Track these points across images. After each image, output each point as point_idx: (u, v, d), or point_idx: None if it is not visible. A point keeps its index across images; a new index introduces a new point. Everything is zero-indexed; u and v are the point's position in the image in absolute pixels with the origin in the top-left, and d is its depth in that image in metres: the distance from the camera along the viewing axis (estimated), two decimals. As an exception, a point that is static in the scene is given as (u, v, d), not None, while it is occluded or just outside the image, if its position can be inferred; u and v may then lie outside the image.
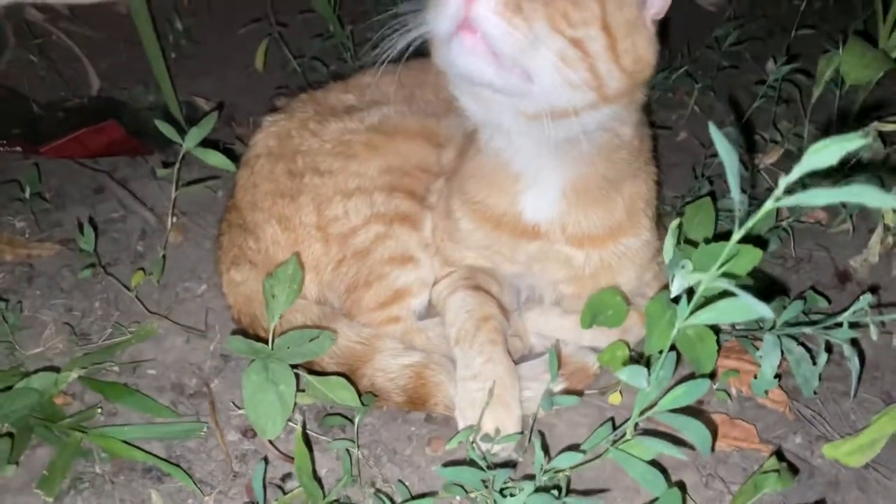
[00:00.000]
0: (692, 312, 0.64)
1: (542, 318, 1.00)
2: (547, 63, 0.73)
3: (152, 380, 1.00)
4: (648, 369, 0.67)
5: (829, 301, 1.02)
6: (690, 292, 0.64)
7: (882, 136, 1.16)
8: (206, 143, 1.05)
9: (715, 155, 1.27)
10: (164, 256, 1.11)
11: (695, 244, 0.87)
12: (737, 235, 0.56)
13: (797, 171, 0.50)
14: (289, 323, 0.98)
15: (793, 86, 1.43)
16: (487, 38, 0.71)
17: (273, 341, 0.83)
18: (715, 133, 0.54)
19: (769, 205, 0.53)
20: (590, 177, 0.89)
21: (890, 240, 1.15)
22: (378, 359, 0.95)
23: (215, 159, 1.00)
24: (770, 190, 1.15)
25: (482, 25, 0.70)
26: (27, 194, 1.25)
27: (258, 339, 0.99)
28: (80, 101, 1.56)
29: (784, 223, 1.14)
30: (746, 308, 0.61)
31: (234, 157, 1.13)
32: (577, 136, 0.80)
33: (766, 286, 1.07)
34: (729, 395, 0.94)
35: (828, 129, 1.38)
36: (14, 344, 1.02)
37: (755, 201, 1.18)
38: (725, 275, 0.63)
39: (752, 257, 0.73)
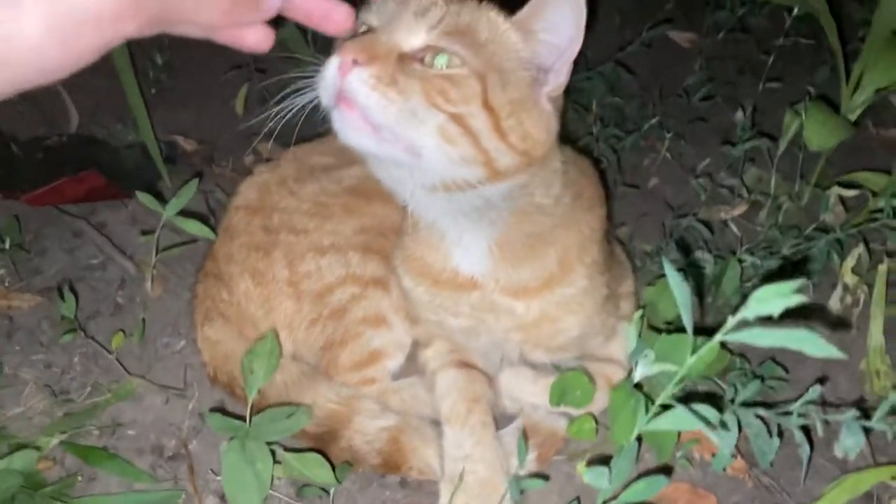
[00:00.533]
0: (654, 415, 0.67)
1: (514, 380, 1.03)
2: (429, 138, 0.71)
3: (132, 441, 1.02)
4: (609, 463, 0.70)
5: (787, 370, 1.06)
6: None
7: (842, 198, 1.21)
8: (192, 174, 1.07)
9: (684, 215, 1.31)
10: (143, 319, 1.12)
11: (658, 330, 0.91)
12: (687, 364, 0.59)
13: (741, 314, 0.54)
14: (269, 382, 1.00)
15: (760, 135, 1.47)
16: (363, 110, 0.69)
17: (251, 416, 0.86)
18: (668, 269, 0.57)
19: (716, 339, 0.57)
20: (512, 235, 0.87)
21: (849, 299, 1.19)
22: (356, 420, 0.98)
23: (195, 228, 1.02)
24: (733, 250, 1.20)
25: (356, 98, 0.69)
26: (7, 245, 1.26)
27: (235, 396, 1.02)
28: (59, 139, 1.57)
29: (749, 283, 1.17)
30: (703, 417, 0.65)
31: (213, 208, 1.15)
32: (484, 205, 0.81)
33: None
34: (691, 461, 0.98)
35: (793, 178, 1.42)
36: (-7, 405, 1.04)
37: (719, 259, 1.22)
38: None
39: (716, 361, 0.77)
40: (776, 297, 0.51)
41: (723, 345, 1.01)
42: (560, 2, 0.74)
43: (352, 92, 0.69)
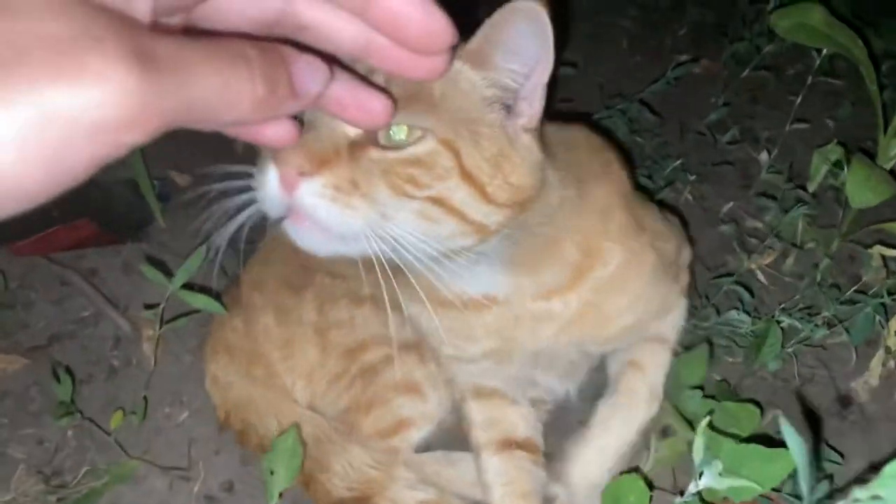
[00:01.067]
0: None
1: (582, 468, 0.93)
2: (407, 226, 0.61)
3: (133, 531, 0.94)
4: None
5: (842, 455, 1.00)
6: None
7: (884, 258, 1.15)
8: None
9: (720, 276, 1.25)
10: (145, 398, 1.03)
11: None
12: None
13: (871, 490, 0.47)
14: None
15: (785, 181, 1.41)
16: (324, 225, 0.58)
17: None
18: (788, 435, 0.50)
19: None
20: (522, 251, 0.76)
21: (892, 363, 1.14)
22: (393, 489, 0.91)
23: (202, 302, 0.93)
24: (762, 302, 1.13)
25: (314, 214, 0.57)
26: (-7, 302, 1.16)
27: (249, 445, 0.95)
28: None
29: (790, 349, 1.11)
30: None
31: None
32: (481, 251, 0.70)
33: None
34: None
35: (820, 222, 1.37)
36: (-19, 492, 0.95)
37: (756, 318, 1.16)
38: None
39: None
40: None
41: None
42: (515, 19, 0.60)
43: (306, 208, 0.57)
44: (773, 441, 1.03)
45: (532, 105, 0.66)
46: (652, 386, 0.95)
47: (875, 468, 1.00)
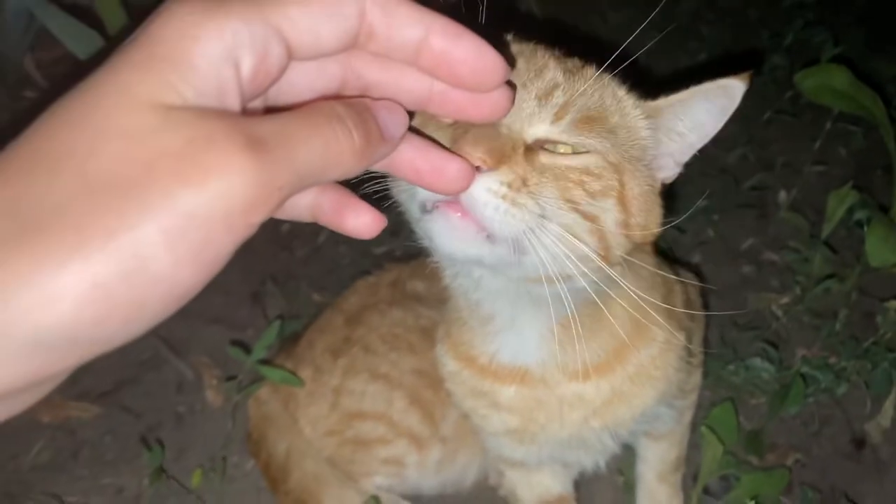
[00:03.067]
0: None
1: None
2: (549, 238, 0.59)
3: (214, 581, 1.02)
4: None
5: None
6: None
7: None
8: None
9: (747, 329, 1.32)
10: (224, 458, 1.11)
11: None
12: None
13: None
14: (298, 465, 1.06)
15: (803, 219, 1.49)
16: (484, 220, 0.56)
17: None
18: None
19: None
20: (578, 309, 0.71)
21: (903, 409, 1.23)
22: None
23: (279, 377, 1.01)
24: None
25: (479, 209, 0.56)
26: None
27: (258, 460, 1.09)
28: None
29: (810, 398, 1.20)
30: None
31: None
32: (560, 294, 0.65)
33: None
34: None
35: (837, 260, 1.44)
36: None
37: (773, 360, 1.24)
38: None
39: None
40: None
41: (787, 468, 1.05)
42: (713, 97, 0.65)
43: (476, 201, 0.55)
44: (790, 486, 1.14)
45: (678, 164, 0.70)
46: (679, 455, 1.04)
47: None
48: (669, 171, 0.70)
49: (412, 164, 0.47)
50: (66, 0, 1.46)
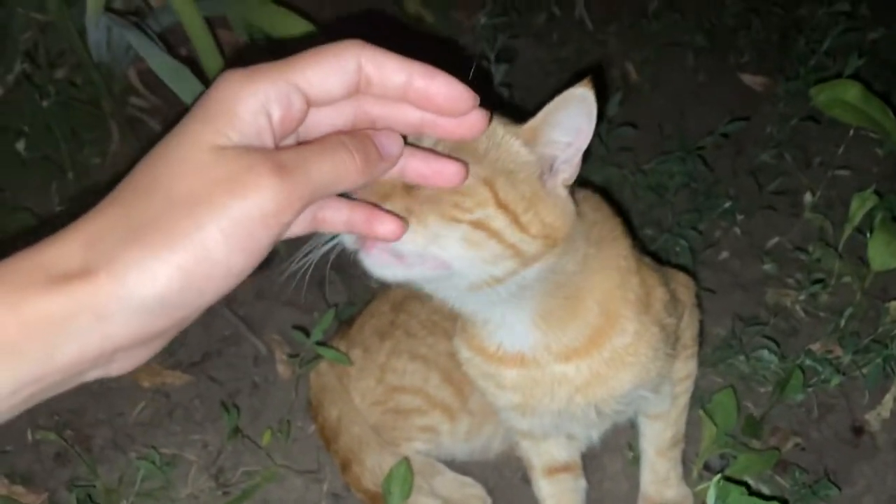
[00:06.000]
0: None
1: None
2: (455, 249, 0.72)
3: (280, 521, 1.24)
4: None
5: (839, 488, 1.21)
6: None
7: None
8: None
9: (753, 323, 1.45)
10: (288, 421, 1.32)
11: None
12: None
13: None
14: (346, 430, 1.26)
15: (827, 220, 1.58)
16: (386, 247, 0.70)
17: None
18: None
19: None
20: (552, 303, 0.89)
21: (901, 401, 1.33)
22: (413, 497, 1.15)
23: (331, 355, 1.21)
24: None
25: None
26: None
27: (316, 423, 1.29)
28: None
29: (809, 388, 1.32)
30: None
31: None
32: (520, 289, 0.81)
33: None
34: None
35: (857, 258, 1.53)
36: (168, 487, 1.26)
37: (782, 358, 1.36)
38: None
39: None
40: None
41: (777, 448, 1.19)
42: (568, 102, 0.74)
43: None
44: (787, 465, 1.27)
45: (571, 166, 0.80)
46: (675, 434, 1.18)
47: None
48: (566, 172, 0.79)
49: (418, 170, 0.64)
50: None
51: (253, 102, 0.53)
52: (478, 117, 0.61)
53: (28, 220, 1.59)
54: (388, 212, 0.65)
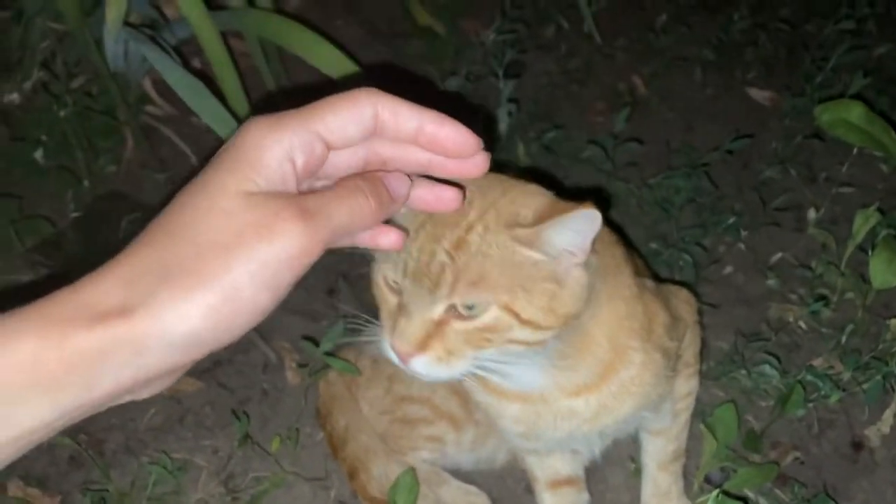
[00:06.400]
0: None
1: None
2: (491, 359, 0.81)
3: (289, 528, 1.27)
4: None
5: (836, 502, 1.23)
6: None
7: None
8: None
9: (756, 339, 1.47)
10: (297, 429, 1.35)
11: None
12: None
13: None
14: (353, 438, 1.29)
15: (830, 236, 1.60)
16: (433, 377, 0.80)
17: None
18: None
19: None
20: (566, 350, 0.89)
21: (902, 414, 1.35)
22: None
23: (340, 365, 1.23)
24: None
25: (425, 374, 0.79)
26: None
27: (325, 431, 1.32)
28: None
29: (810, 404, 1.34)
30: None
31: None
32: (537, 353, 0.85)
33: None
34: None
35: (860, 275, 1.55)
36: (178, 492, 1.29)
37: (784, 373, 1.38)
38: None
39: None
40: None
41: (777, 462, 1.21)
42: (577, 218, 0.75)
43: (420, 371, 0.79)
44: (786, 479, 1.29)
45: (582, 255, 0.80)
46: (676, 449, 1.21)
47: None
48: (575, 260, 0.80)
49: (422, 198, 0.68)
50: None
51: (278, 150, 0.57)
52: (482, 158, 0.66)
53: (45, 228, 1.62)
54: (390, 225, 0.68)
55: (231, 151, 0.57)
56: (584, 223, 0.75)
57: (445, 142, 0.63)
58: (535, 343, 0.81)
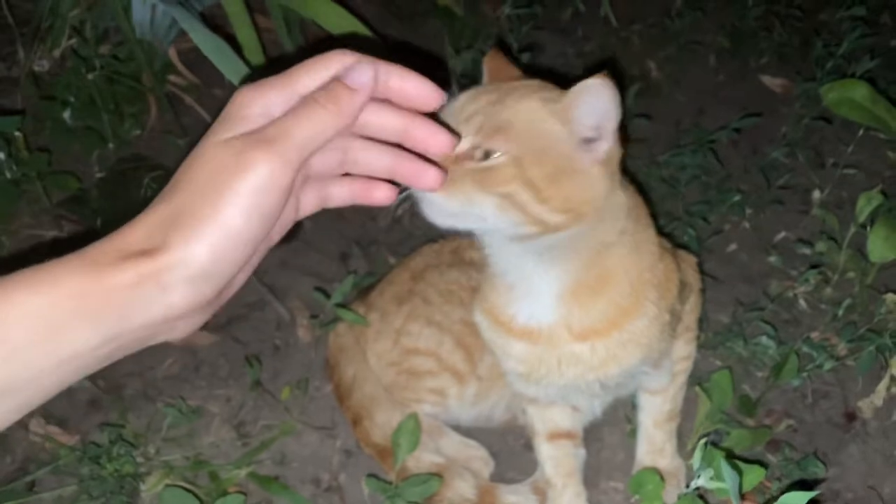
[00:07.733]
0: None
1: None
2: (488, 211, 0.85)
3: (295, 472, 1.32)
4: None
5: (826, 466, 1.27)
6: None
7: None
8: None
9: (753, 309, 1.50)
10: (307, 379, 1.41)
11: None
12: None
13: None
14: (360, 391, 1.34)
15: (834, 217, 1.63)
16: (437, 205, 0.84)
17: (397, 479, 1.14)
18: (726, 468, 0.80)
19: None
20: (584, 277, 0.95)
21: (894, 388, 1.38)
22: (416, 450, 1.20)
23: (350, 316, 1.28)
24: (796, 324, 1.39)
25: (431, 198, 0.83)
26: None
27: (332, 382, 1.37)
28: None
29: (805, 373, 1.37)
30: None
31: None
32: (552, 247, 0.91)
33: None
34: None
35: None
36: (192, 434, 1.35)
37: (781, 344, 1.42)
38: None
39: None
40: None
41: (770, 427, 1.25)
42: (588, 92, 0.83)
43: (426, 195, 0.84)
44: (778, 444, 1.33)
45: (602, 145, 0.87)
46: (672, 409, 1.25)
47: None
48: (597, 152, 0.87)
49: (401, 169, 0.73)
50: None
51: (257, 107, 0.64)
52: (447, 140, 0.71)
53: (72, 183, 1.68)
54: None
55: (222, 114, 0.65)
56: (600, 92, 0.83)
57: (411, 92, 0.68)
58: (534, 220, 0.85)
